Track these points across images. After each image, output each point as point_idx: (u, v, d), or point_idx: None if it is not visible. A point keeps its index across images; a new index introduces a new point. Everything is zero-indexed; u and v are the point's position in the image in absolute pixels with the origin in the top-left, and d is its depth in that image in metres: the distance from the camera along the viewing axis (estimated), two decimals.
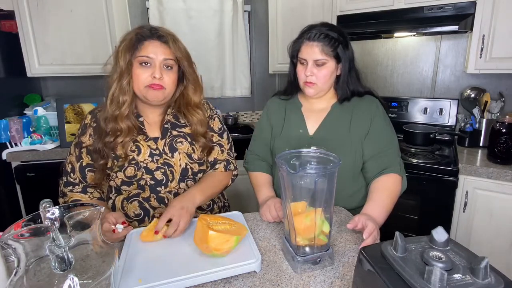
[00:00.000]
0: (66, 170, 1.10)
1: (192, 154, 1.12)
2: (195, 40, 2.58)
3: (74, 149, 1.10)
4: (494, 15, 1.67)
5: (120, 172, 1.05)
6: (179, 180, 1.10)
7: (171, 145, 1.10)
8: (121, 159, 1.04)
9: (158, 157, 1.07)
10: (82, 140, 1.08)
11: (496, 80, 1.98)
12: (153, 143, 1.09)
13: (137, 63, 1.00)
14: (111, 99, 1.02)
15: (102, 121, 1.04)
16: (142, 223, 1.09)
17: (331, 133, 1.15)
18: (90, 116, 1.11)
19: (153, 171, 1.06)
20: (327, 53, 1.08)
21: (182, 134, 1.12)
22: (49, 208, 0.64)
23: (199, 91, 1.13)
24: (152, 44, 1.00)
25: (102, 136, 1.04)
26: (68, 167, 1.10)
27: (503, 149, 1.65)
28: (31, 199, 2.06)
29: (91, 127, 1.08)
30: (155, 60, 1.00)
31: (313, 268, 0.81)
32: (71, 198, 1.08)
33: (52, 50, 2.13)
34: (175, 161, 1.09)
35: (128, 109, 1.03)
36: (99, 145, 1.03)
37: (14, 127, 1.98)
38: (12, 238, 0.53)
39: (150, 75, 1.00)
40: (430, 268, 0.48)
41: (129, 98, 1.03)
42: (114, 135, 1.03)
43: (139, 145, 1.07)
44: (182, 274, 0.75)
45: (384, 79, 2.36)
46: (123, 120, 1.03)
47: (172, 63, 1.03)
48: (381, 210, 1.00)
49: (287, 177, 0.78)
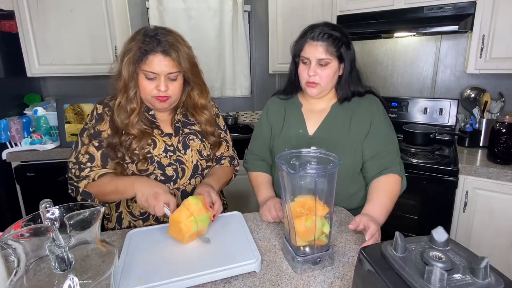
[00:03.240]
0: (80, 161, 1.03)
1: (202, 151, 1.15)
2: (195, 40, 2.58)
3: (90, 140, 1.05)
4: (494, 15, 1.67)
5: (132, 164, 1.05)
6: (190, 177, 1.12)
7: (184, 142, 1.12)
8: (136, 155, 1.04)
9: (172, 154, 1.09)
10: (101, 129, 1.05)
11: (496, 80, 1.98)
12: (168, 139, 1.10)
13: (143, 75, 1.01)
14: (118, 108, 1.02)
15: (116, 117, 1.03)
16: (146, 222, 1.10)
17: (331, 134, 1.15)
18: (101, 106, 1.08)
19: (165, 167, 1.07)
20: (331, 53, 1.07)
21: (193, 132, 1.16)
22: (49, 208, 0.64)
23: (205, 94, 1.15)
24: (156, 58, 0.98)
25: (119, 134, 1.03)
26: (84, 157, 1.03)
27: (503, 149, 1.65)
28: (31, 199, 2.05)
29: (108, 116, 1.07)
30: (160, 74, 1.00)
31: (313, 268, 0.81)
32: (97, 174, 1.03)
33: (52, 50, 2.13)
34: (187, 158, 1.11)
35: (137, 117, 1.04)
36: (115, 140, 1.03)
37: (14, 127, 1.98)
38: (12, 238, 0.53)
39: (155, 87, 1.01)
40: (430, 268, 0.48)
41: (137, 106, 1.03)
42: (129, 138, 1.03)
43: (154, 139, 1.08)
44: (182, 274, 0.75)
45: (384, 79, 2.37)
46: (134, 126, 1.03)
47: (176, 75, 1.03)
48: (381, 211, 1.00)
49: (287, 177, 0.78)
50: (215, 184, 1.10)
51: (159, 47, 0.98)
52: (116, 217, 1.12)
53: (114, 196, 1.04)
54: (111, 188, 1.02)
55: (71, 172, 1.05)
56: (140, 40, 0.99)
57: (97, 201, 1.03)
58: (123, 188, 1.01)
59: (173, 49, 1.00)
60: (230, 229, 0.98)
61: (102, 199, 1.05)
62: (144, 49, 0.98)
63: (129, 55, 0.98)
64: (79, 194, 1.03)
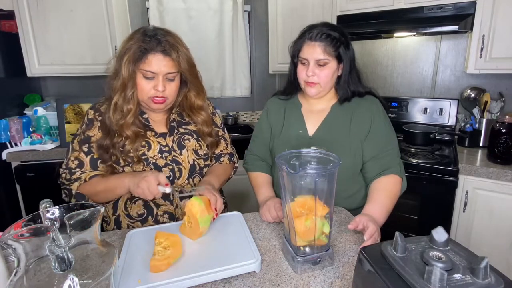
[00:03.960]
0: (69, 167, 1.04)
1: (198, 150, 1.15)
2: (195, 40, 2.58)
3: (80, 145, 1.06)
4: (494, 15, 1.67)
5: (128, 167, 1.05)
6: (187, 177, 1.12)
7: (179, 143, 1.12)
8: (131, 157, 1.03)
9: (167, 154, 1.09)
10: (90, 134, 1.06)
11: (496, 80, 1.98)
12: (162, 139, 1.10)
13: (141, 74, 1.00)
14: (114, 108, 1.02)
15: (108, 120, 1.03)
16: (145, 223, 1.09)
17: (331, 134, 1.15)
18: (92, 111, 1.09)
19: (161, 168, 1.07)
20: (329, 53, 1.07)
21: (188, 132, 1.15)
22: (49, 208, 0.64)
23: (202, 95, 1.15)
24: (156, 57, 0.98)
25: (110, 136, 1.03)
26: (73, 163, 1.05)
27: (503, 149, 1.65)
28: (31, 199, 2.05)
29: (97, 121, 1.07)
30: (159, 74, 1.00)
31: (313, 268, 0.81)
32: (88, 176, 1.03)
33: (52, 50, 2.13)
34: (183, 158, 1.11)
35: (133, 117, 1.04)
36: (107, 142, 1.03)
37: (14, 127, 1.97)
38: (12, 238, 0.53)
39: (153, 87, 1.01)
40: (430, 268, 0.48)
41: (133, 107, 1.03)
42: (122, 139, 1.03)
43: (149, 141, 1.08)
44: (182, 274, 0.75)
45: (384, 79, 2.37)
46: (129, 127, 1.03)
47: (174, 75, 1.03)
48: (381, 211, 1.00)
49: (287, 177, 0.78)
50: (216, 182, 1.11)
51: (159, 46, 0.98)
52: (114, 220, 1.12)
53: (105, 194, 1.03)
54: (101, 187, 1.01)
55: (62, 177, 1.06)
56: (139, 39, 0.99)
57: (91, 202, 1.03)
58: (113, 185, 1.01)
59: (173, 49, 1.00)
60: (230, 229, 0.98)
61: (95, 200, 1.05)
62: (144, 47, 0.97)
63: (128, 54, 0.98)
64: (73, 197, 1.04)
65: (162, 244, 0.84)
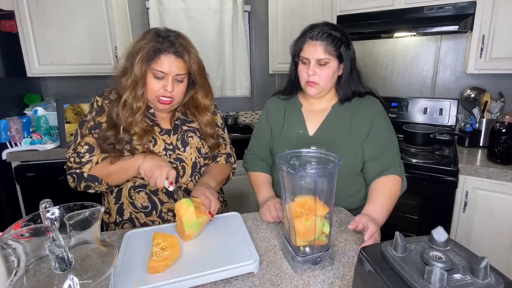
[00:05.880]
0: (78, 152, 1.03)
1: (201, 149, 1.16)
2: (195, 40, 2.52)
3: (90, 131, 1.05)
4: (494, 15, 1.67)
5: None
6: (190, 175, 1.12)
7: (183, 140, 1.13)
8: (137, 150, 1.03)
9: (172, 152, 1.09)
10: (101, 121, 1.06)
11: (496, 80, 1.98)
12: (167, 137, 1.11)
13: (151, 73, 1.01)
14: (124, 105, 1.02)
15: (114, 114, 1.03)
16: (148, 216, 1.10)
17: (331, 134, 1.15)
18: (101, 98, 1.09)
19: None
20: (330, 53, 1.07)
21: (192, 129, 1.16)
22: (49, 208, 0.64)
23: (210, 96, 1.16)
24: (168, 58, 1.00)
25: (116, 130, 1.03)
26: (83, 148, 1.03)
27: (503, 149, 1.65)
28: (31, 199, 2.05)
29: (108, 107, 1.07)
30: (169, 74, 1.01)
31: (313, 268, 0.81)
32: (100, 157, 1.03)
33: (52, 50, 2.13)
34: (187, 155, 1.12)
35: (141, 115, 1.04)
36: (109, 133, 1.02)
37: (14, 127, 1.98)
38: (12, 238, 0.53)
39: (162, 87, 1.02)
40: (430, 268, 0.48)
41: (143, 105, 1.04)
42: (130, 136, 1.03)
43: (155, 137, 1.08)
44: (180, 276, 0.75)
45: (384, 79, 2.37)
46: (137, 124, 1.03)
47: (183, 77, 1.05)
48: (381, 211, 1.00)
49: (287, 177, 0.78)
50: (212, 182, 1.10)
51: (172, 48, 1.00)
52: (116, 209, 1.11)
53: (117, 175, 1.03)
54: (114, 168, 1.01)
55: (70, 161, 1.04)
56: (152, 39, 1.00)
57: (104, 183, 1.03)
58: (127, 164, 1.00)
59: (186, 51, 1.02)
60: (229, 230, 0.97)
61: (106, 181, 1.04)
62: (158, 48, 0.99)
63: (142, 53, 0.99)
64: (84, 180, 1.02)
65: (160, 245, 0.84)
